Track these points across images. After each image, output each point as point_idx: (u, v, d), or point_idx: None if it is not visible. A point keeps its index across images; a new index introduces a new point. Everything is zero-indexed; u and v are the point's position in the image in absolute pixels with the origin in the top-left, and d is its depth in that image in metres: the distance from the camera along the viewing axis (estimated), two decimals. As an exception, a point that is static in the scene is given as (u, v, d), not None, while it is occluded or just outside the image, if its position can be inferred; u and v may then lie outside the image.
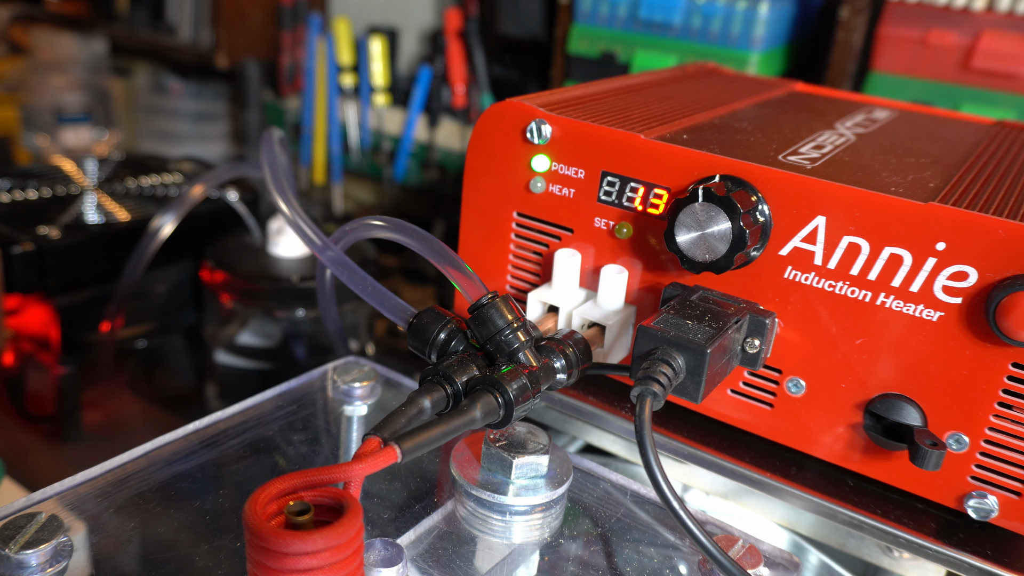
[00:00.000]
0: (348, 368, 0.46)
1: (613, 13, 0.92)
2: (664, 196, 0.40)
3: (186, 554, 0.34)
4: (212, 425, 0.41)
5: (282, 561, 0.24)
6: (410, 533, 0.36)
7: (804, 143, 0.44)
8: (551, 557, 0.36)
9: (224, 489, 0.38)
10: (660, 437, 0.44)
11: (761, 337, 0.38)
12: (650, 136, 0.41)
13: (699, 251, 0.38)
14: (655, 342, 0.35)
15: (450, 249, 0.38)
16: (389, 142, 1.35)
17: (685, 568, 0.36)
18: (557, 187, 0.43)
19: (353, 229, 0.42)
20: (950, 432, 0.37)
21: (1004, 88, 0.77)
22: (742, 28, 0.84)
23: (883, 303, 0.37)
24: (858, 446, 0.39)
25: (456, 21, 1.23)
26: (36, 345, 0.77)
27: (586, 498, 0.39)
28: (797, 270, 0.38)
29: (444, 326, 0.38)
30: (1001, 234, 0.34)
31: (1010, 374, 0.35)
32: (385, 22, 1.37)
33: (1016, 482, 0.36)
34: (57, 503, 0.35)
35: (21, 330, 0.77)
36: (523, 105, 0.43)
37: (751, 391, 0.41)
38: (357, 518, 0.26)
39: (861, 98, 0.61)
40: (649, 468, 0.33)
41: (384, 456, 0.29)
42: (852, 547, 0.40)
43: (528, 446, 0.38)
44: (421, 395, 0.33)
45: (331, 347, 0.60)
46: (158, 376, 0.83)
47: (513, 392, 0.34)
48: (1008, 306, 0.33)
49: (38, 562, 0.30)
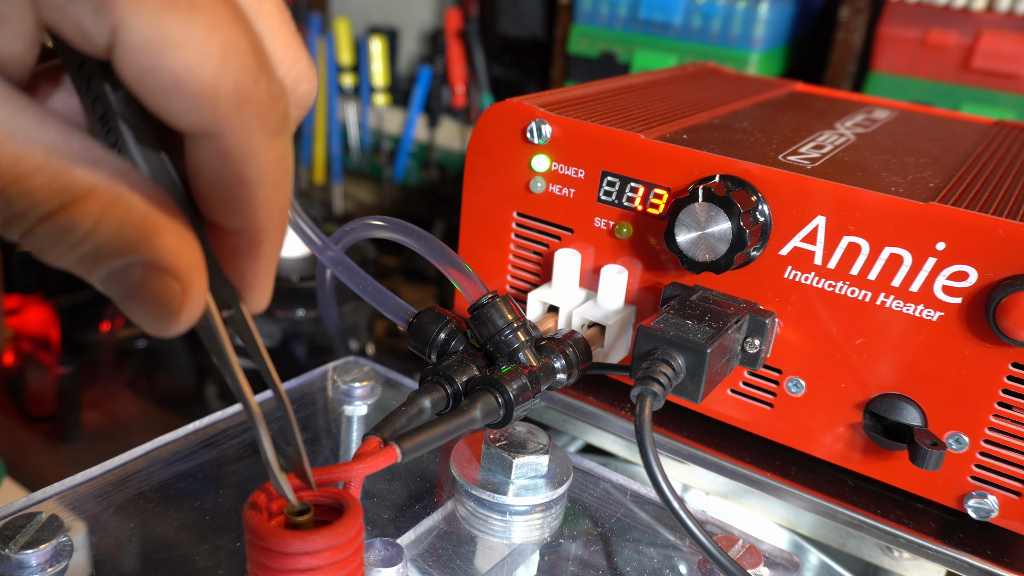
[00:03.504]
0: (348, 368, 0.46)
1: (613, 13, 0.92)
2: (664, 196, 0.40)
3: (186, 554, 0.34)
4: (212, 425, 0.41)
5: (282, 561, 0.24)
6: (410, 533, 0.36)
7: (804, 143, 0.44)
8: (551, 557, 0.36)
9: (224, 489, 0.38)
10: (660, 437, 0.44)
11: (761, 337, 0.38)
12: (650, 136, 0.41)
13: (699, 251, 0.38)
14: (655, 342, 0.35)
15: (450, 249, 0.38)
16: (389, 142, 1.35)
17: (685, 568, 0.36)
18: (557, 187, 0.43)
19: (353, 229, 0.42)
20: (950, 432, 0.37)
21: (1004, 88, 0.77)
22: (742, 28, 0.84)
23: (883, 303, 0.37)
24: (858, 446, 0.39)
25: (456, 21, 1.23)
26: (36, 345, 0.77)
27: (586, 498, 0.39)
28: (797, 270, 0.38)
29: (444, 326, 0.38)
30: (1001, 234, 0.34)
31: (1010, 374, 0.35)
32: (385, 22, 1.37)
33: (1016, 482, 0.36)
34: (57, 503, 0.35)
35: (21, 330, 0.77)
36: (523, 105, 0.43)
37: (751, 391, 0.41)
38: (357, 518, 0.26)
39: (861, 98, 0.61)
40: (649, 468, 0.33)
41: (384, 456, 0.29)
42: (852, 547, 0.40)
43: (528, 446, 0.38)
44: (421, 395, 0.33)
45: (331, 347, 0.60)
46: (158, 376, 0.83)
47: (513, 392, 0.34)
48: (1008, 306, 0.33)
49: (38, 562, 0.30)
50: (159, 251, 0.20)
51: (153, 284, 0.20)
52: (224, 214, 0.21)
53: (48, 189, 0.19)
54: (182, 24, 0.18)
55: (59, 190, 0.19)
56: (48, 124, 0.19)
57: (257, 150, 0.20)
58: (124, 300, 0.20)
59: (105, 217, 0.19)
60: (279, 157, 0.21)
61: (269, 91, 0.20)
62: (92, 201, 0.19)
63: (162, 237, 0.20)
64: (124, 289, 0.20)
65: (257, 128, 0.20)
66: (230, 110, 0.19)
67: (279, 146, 0.20)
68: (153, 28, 0.17)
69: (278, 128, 0.20)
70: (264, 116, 0.20)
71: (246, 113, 0.19)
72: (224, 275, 0.22)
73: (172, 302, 0.20)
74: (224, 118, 0.19)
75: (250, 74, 0.19)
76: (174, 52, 0.18)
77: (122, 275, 0.20)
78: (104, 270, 0.20)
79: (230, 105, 0.19)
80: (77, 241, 0.19)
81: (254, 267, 0.22)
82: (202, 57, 0.18)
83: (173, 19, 0.18)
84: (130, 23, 0.17)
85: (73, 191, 0.19)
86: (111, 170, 0.20)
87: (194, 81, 0.18)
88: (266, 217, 0.21)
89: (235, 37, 0.19)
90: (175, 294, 0.20)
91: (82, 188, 0.19)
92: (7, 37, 0.18)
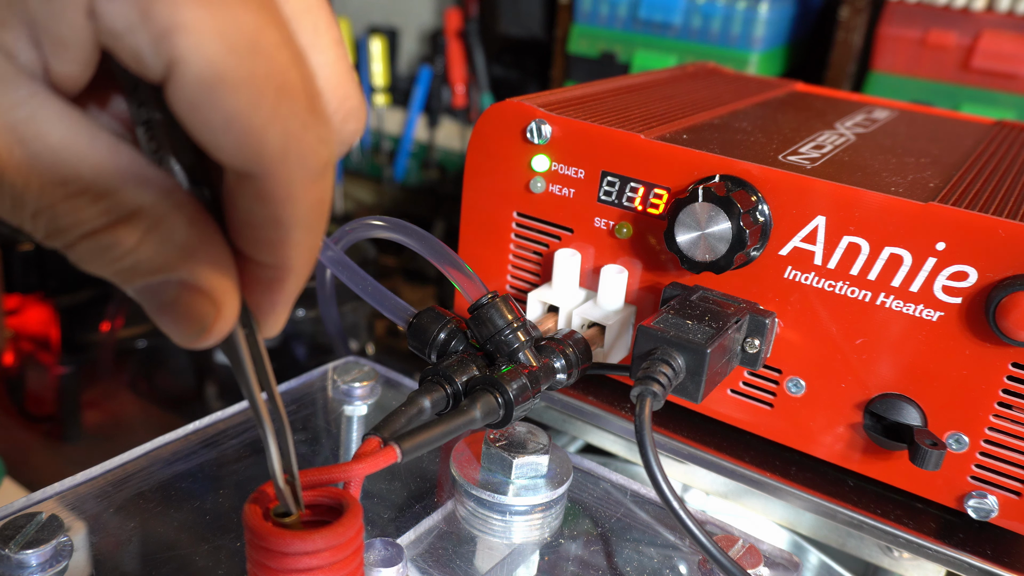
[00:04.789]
0: (348, 368, 0.46)
1: (613, 13, 0.92)
2: (664, 196, 0.40)
3: (186, 554, 0.34)
4: (212, 425, 0.41)
5: (282, 561, 0.24)
6: (410, 533, 0.36)
7: (804, 143, 0.44)
8: (551, 557, 0.36)
9: (224, 489, 0.38)
10: (660, 437, 0.44)
11: (761, 337, 0.38)
12: (650, 136, 0.41)
13: (699, 251, 0.38)
14: (655, 342, 0.35)
15: (450, 249, 0.38)
16: (389, 142, 1.35)
17: (685, 568, 0.36)
18: (557, 187, 0.43)
19: (353, 229, 0.42)
20: (950, 432, 0.37)
21: (1004, 88, 0.77)
22: (742, 28, 0.84)
23: (883, 303, 0.37)
24: (858, 446, 0.39)
25: (456, 21, 1.23)
26: (36, 345, 0.77)
27: (586, 498, 0.39)
28: (797, 270, 0.38)
29: (444, 326, 0.38)
30: (1001, 234, 0.34)
31: (1010, 374, 0.35)
32: (385, 22, 1.36)
33: (1016, 482, 0.36)
34: (57, 503, 0.35)
35: (21, 330, 0.77)
36: (523, 105, 0.43)
37: (751, 391, 0.41)
38: (357, 518, 0.26)
39: (861, 98, 0.61)
40: (649, 468, 0.33)
41: (384, 456, 0.29)
42: (852, 547, 0.40)
43: (528, 446, 0.38)
44: (421, 395, 0.33)
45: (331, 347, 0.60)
46: (158, 376, 0.83)
47: (513, 392, 0.34)
48: (1008, 306, 0.33)
49: (38, 562, 0.30)
50: (197, 271, 0.20)
51: (188, 302, 0.20)
52: (254, 248, 0.21)
53: (95, 208, 0.19)
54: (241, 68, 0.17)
55: (106, 209, 0.19)
56: (99, 141, 0.19)
57: (297, 194, 0.20)
58: (157, 313, 0.20)
59: (148, 236, 0.19)
60: (317, 201, 0.20)
61: (317, 137, 0.19)
62: (137, 221, 0.19)
63: (201, 258, 0.20)
64: (158, 303, 0.20)
65: (299, 175, 0.19)
66: (276, 156, 0.19)
67: (319, 190, 0.20)
68: (210, 68, 0.17)
69: (321, 172, 0.20)
70: (308, 163, 0.19)
71: (290, 161, 0.19)
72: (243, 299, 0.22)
73: (205, 321, 0.20)
74: (268, 163, 0.19)
75: (300, 120, 0.19)
76: (228, 95, 0.18)
77: (158, 290, 0.20)
78: (141, 284, 0.20)
79: (277, 151, 0.19)
80: (118, 257, 0.19)
81: (273, 300, 0.22)
82: (256, 102, 0.18)
83: (232, 61, 0.17)
84: (188, 60, 0.17)
85: (119, 211, 0.19)
86: (157, 189, 0.19)
87: (244, 125, 0.18)
88: (296, 258, 0.21)
89: (291, 82, 0.18)
90: (208, 314, 0.20)
91: (128, 208, 0.19)
92: (65, 61, 0.18)
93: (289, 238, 0.20)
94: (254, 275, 0.22)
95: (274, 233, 0.20)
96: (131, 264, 0.19)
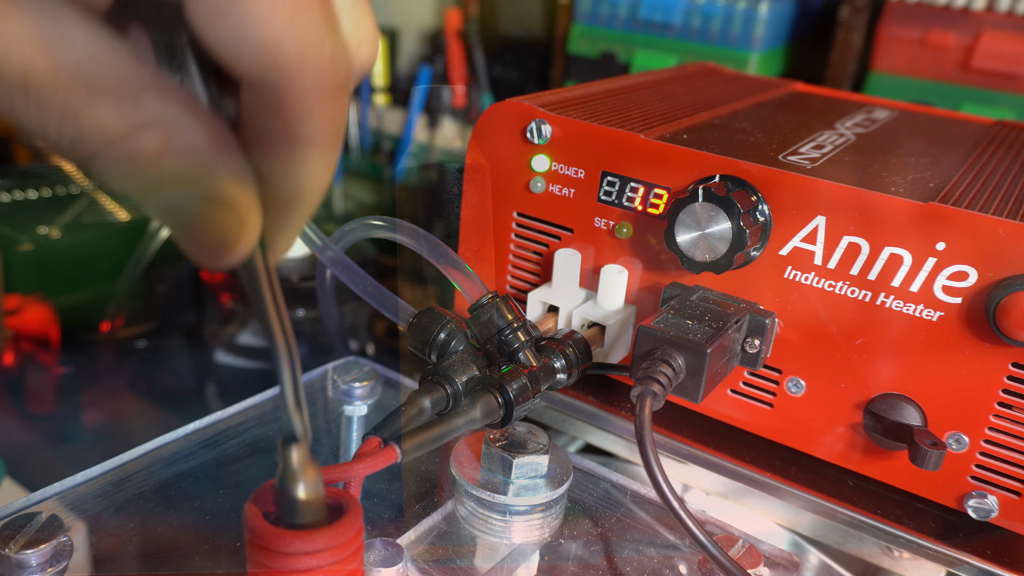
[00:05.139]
0: (348, 368, 0.46)
1: (613, 13, 0.92)
2: (664, 196, 0.40)
3: (186, 554, 0.34)
4: (212, 425, 0.41)
5: (282, 561, 0.24)
6: (410, 533, 0.36)
7: (804, 143, 0.44)
8: (551, 557, 0.36)
9: (224, 489, 0.38)
10: (660, 437, 0.44)
11: (761, 337, 0.38)
12: (650, 136, 0.41)
13: (699, 251, 0.38)
14: (655, 342, 0.35)
15: (450, 249, 0.38)
16: (389, 142, 1.35)
17: (685, 568, 0.36)
18: (557, 187, 0.43)
19: (353, 229, 0.42)
20: (950, 432, 0.37)
21: (1004, 88, 0.77)
22: (742, 28, 0.84)
23: (883, 303, 0.37)
24: (858, 446, 0.39)
25: (456, 21, 1.23)
26: (36, 345, 0.77)
27: (586, 498, 0.39)
28: (797, 270, 0.38)
29: (444, 326, 0.38)
30: (1001, 234, 0.34)
31: (1010, 374, 0.35)
32: (385, 22, 1.36)
33: (1016, 482, 0.36)
34: (57, 503, 0.35)
35: (21, 330, 0.77)
36: (523, 105, 0.43)
37: (751, 391, 0.41)
38: (357, 518, 0.26)
39: (861, 98, 0.61)
40: (649, 468, 0.33)
41: (384, 456, 0.29)
42: (852, 547, 0.40)
43: (528, 446, 0.38)
44: (421, 395, 0.33)
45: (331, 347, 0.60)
46: (158, 376, 0.83)
47: (513, 392, 0.34)
48: (1008, 306, 0.33)
49: (38, 562, 0.30)
50: (220, 184, 0.20)
51: (212, 216, 0.20)
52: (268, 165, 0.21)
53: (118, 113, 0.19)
54: None
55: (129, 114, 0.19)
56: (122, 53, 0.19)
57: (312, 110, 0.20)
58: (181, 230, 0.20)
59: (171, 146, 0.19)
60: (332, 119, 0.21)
61: (333, 53, 0.20)
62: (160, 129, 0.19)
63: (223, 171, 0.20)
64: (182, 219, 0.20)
65: (315, 89, 0.20)
66: (291, 67, 0.19)
67: (334, 109, 0.21)
68: None
69: (336, 91, 0.20)
70: (324, 78, 0.20)
71: (307, 73, 0.19)
72: None
73: (229, 235, 0.20)
74: (284, 74, 0.19)
75: (316, 33, 0.19)
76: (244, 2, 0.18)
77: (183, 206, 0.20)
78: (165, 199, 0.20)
79: (292, 62, 0.19)
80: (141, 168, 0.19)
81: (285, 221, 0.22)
82: (271, 11, 0.18)
83: None
84: None
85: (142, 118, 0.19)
86: (179, 101, 0.20)
87: (260, 34, 0.18)
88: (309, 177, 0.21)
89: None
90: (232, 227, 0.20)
91: (150, 116, 0.19)
92: None
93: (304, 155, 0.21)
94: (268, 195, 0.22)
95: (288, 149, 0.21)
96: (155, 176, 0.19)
